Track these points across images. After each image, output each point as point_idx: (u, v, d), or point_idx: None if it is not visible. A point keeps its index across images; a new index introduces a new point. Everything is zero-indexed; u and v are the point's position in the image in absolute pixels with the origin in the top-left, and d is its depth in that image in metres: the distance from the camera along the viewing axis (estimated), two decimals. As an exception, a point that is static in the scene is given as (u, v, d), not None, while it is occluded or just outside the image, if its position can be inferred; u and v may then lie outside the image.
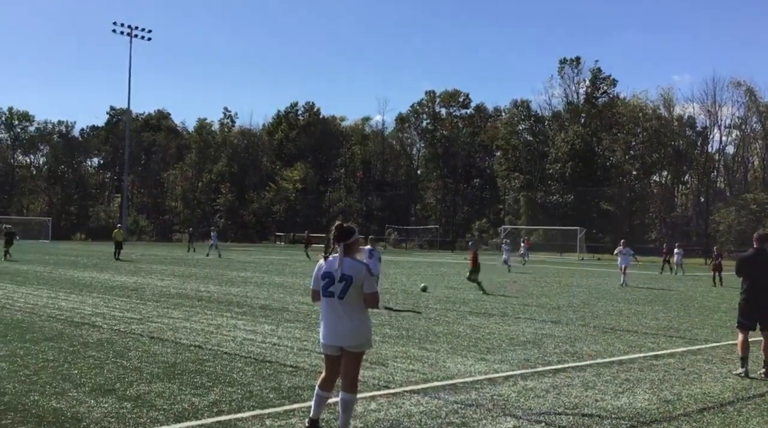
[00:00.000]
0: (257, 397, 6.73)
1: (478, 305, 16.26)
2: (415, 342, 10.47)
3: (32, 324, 11.18)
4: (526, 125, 79.21)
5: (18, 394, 6.57)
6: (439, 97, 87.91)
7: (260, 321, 12.39)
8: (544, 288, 22.28)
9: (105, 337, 10.10)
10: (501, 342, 10.74)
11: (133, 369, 7.91)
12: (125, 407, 6.23)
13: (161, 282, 20.41)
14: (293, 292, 18.35)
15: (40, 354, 8.66)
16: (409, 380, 7.72)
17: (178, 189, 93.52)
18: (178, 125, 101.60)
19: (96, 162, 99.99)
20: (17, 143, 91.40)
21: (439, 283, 23.25)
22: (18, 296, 15.35)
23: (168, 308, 13.95)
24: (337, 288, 5.36)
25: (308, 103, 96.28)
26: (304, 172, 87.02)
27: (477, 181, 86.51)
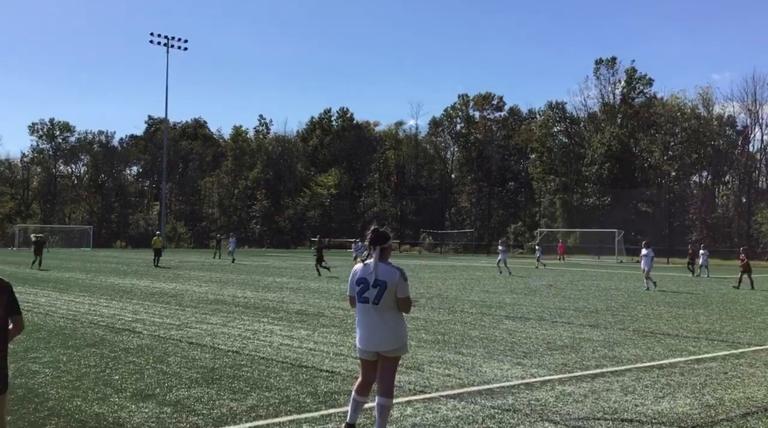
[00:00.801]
0: (294, 402, 6.78)
1: (515, 309, 16.14)
2: (451, 346, 10.43)
3: (74, 331, 11.43)
4: (562, 126, 78.45)
5: (61, 399, 6.73)
6: (473, 101, 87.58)
7: (296, 326, 12.47)
8: (581, 291, 22.01)
9: (145, 343, 10.27)
10: (538, 346, 10.64)
11: (173, 374, 8.04)
12: (165, 412, 6.33)
13: (199, 288, 20.68)
14: (329, 297, 18.43)
15: (82, 360, 8.85)
16: (445, 385, 7.70)
17: (214, 196, 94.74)
18: (214, 133, 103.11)
19: (135, 171, 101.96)
20: (59, 153, 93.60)
21: (474, 287, 23.13)
22: (60, 304, 15.71)
23: (206, 314, 14.13)
24: (372, 293, 5.37)
25: (342, 109, 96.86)
26: (338, 177, 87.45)
27: (512, 184, 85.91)
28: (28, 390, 7.08)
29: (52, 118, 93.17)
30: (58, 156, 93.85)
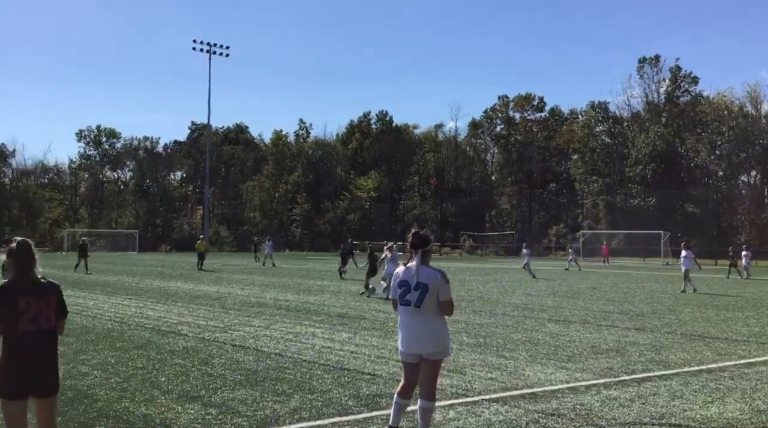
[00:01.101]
0: (336, 404, 6.81)
1: (557, 312, 15.94)
2: (493, 349, 10.35)
3: (122, 333, 11.67)
4: (604, 126, 77.29)
5: (110, 401, 6.88)
6: (513, 102, 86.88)
7: (338, 329, 12.53)
8: (626, 294, 21.62)
9: (190, 345, 10.44)
10: (582, 350, 10.49)
11: (217, 376, 8.15)
12: (210, 413, 6.42)
13: (242, 291, 20.94)
14: (370, 300, 18.47)
15: (130, 361, 9.03)
16: (487, 388, 7.64)
17: (256, 200, 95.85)
18: (255, 138, 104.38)
19: (179, 176, 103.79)
20: (105, 159, 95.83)
21: (516, 290, 22.93)
22: (108, 307, 16.07)
23: (249, 316, 14.30)
24: (414, 296, 5.37)
25: (381, 112, 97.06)
26: (378, 180, 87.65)
27: (553, 185, 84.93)
28: (78, 391, 7.26)
29: (99, 125, 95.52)
30: (105, 162, 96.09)
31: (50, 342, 4.40)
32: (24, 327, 4.25)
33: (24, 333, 4.26)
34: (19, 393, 4.25)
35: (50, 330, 4.39)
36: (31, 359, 4.27)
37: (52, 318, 4.40)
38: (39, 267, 4.45)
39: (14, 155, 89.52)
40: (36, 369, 4.28)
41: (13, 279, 4.34)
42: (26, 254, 4.39)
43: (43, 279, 4.43)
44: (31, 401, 4.35)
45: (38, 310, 4.30)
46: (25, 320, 4.26)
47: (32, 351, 4.28)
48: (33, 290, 4.33)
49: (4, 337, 4.28)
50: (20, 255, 4.37)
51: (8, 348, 4.26)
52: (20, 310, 4.24)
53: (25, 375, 4.24)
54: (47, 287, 4.41)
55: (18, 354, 4.25)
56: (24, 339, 4.26)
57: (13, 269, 4.36)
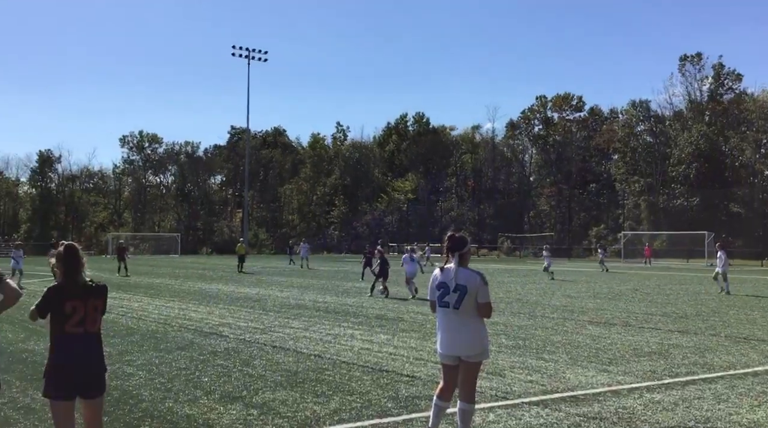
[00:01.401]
0: (376, 406, 6.84)
1: (598, 314, 15.73)
2: (533, 352, 10.28)
3: (165, 334, 11.90)
4: (646, 125, 75.95)
5: (154, 401, 7.02)
6: (551, 102, 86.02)
7: (376, 330, 12.57)
8: (669, 296, 21.23)
9: (231, 346, 10.59)
10: (624, 352, 10.34)
11: (258, 377, 8.25)
12: (252, 414, 6.51)
13: (281, 293, 21.14)
14: (408, 302, 18.48)
15: (173, 362, 9.20)
16: (527, 391, 7.60)
17: (294, 203, 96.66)
18: (293, 141, 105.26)
19: (219, 179, 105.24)
20: (148, 163, 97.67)
21: (555, 291, 22.69)
22: (152, 308, 16.39)
23: (288, 318, 14.43)
24: (452, 298, 5.37)
25: (418, 114, 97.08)
26: (415, 182, 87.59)
27: (593, 186, 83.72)
28: (124, 391, 7.43)
29: (141, 130, 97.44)
30: (147, 167, 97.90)
31: (96, 344, 4.52)
32: (71, 329, 4.37)
33: (71, 335, 4.38)
34: (66, 395, 4.37)
35: (96, 333, 4.51)
36: (78, 361, 4.39)
37: (99, 321, 4.51)
38: (87, 270, 4.58)
39: (60, 161, 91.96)
40: (82, 370, 4.40)
41: (60, 283, 4.47)
42: (73, 258, 4.51)
43: (91, 282, 4.55)
44: (78, 401, 4.47)
45: (85, 313, 4.40)
46: (72, 323, 4.37)
47: (79, 353, 4.40)
48: (80, 293, 4.45)
49: (52, 339, 4.41)
50: (67, 259, 4.50)
51: (55, 349, 4.39)
52: (67, 313, 4.36)
53: (72, 377, 4.36)
54: (95, 290, 4.53)
55: (65, 356, 4.37)
56: (71, 341, 4.38)
57: (61, 273, 4.49)
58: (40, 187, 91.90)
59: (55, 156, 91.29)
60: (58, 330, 4.37)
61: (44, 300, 4.39)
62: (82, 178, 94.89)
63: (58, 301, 4.37)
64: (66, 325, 4.36)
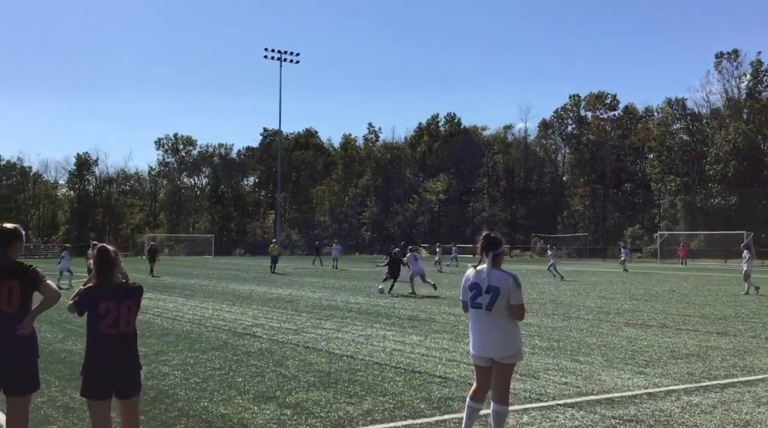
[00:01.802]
0: (408, 407, 6.83)
1: (634, 315, 15.50)
2: (567, 353, 10.16)
3: (200, 335, 12.04)
4: (682, 124, 74.70)
5: (190, 400, 7.11)
6: (584, 101, 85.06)
7: (408, 331, 12.55)
8: (707, 297, 20.83)
9: (265, 347, 10.67)
10: (661, 354, 10.17)
11: (291, 377, 8.30)
12: (285, 414, 6.55)
13: (313, 294, 21.24)
14: (440, 303, 18.42)
15: (208, 362, 9.31)
16: (562, 393, 7.51)
17: (326, 204, 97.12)
18: (325, 143, 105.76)
19: (252, 181, 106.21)
20: (183, 166, 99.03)
21: (590, 293, 22.42)
22: (187, 309, 16.60)
23: (321, 319, 14.50)
24: (485, 300, 5.33)
25: (449, 114, 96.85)
26: (446, 183, 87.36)
27: (628, 185, 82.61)
28: (160, 391, 7.53)
29: (176, 133, 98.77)
30: (182, 169, 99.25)
31: (130, 345, 4.57)
32: (104, 330, 4.44)
33: (105, 336, 4.44)
34: (102, 394, 4.44)
35: (130, 333, 4.56)
36: (111, 361, 4.45)
37: (132, 322, 4.56)
38: (124, 271, 4.64)
39: (97, 164, 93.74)
40: (117, 370, 4.46)
41: (95, 284, 4.54)
42: (105, 260, 4.57)
43: (127, 283, 4.61)
44: (114, 400, 4.54)
45: (118, 314, 4.46)
46: (105, 324, 4.43)
47: (113, 353, 4.46)
48: (114, 295, 4.50)
49: (88, 339, 4.48)
50: (99, 261, 4.57)
51: (91, 350, 4.47)
52: (101, 314, 4.43)
53: (107, 377, 4.43)
54: (129, 291, 4.58)
55: (99, 356, 4.45)
56: (104, 341, 4.44)
57: (95, 274, 4.57)
58: (78, 189, 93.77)
59: (92, 159, 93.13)
60: (93, 330, 4.44)
61: (80, 299, 4.47)
62: (118, 180, 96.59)
63: (92, 302, 4.44)
64: (99, 326, 4.42)
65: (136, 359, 4.60)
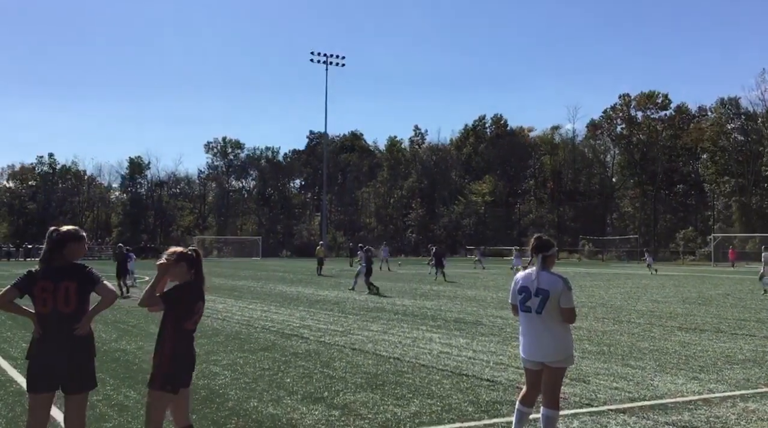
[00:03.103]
0: (456, 410, 6.79)
1: (687, 319, 15.13)
2: (618, 358, 9.98)
3: (249, 336, 12.20)
4: (736, 124, 72.55)
5: (240, 400, 7.21)
6: (634, 100, 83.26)
7: (455, 334, 12.50)
8: (763, 301, 20.18)
9: (312, 348, 10.75)
10: (716, 359, 9.90)
11: (339, 378, 8.35)
12: (334, 415, 6.59)
13: (359, 297, 21.32)
14: (486, 306, 18.29)
15: (257, 363, 9.43)
16: (613, 398, 7.38)
17: (371, 206, 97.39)
18: (370, 145, 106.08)
19: (298, 183, 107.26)
20: (231, 169, 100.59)
21: (641, 296, 21.96)
22: (236, 310, 16.84)
23: (367, 321, 14.54)
24: (534, 303, 5.28)
25: (495, 116, 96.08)
26: (492, 185, 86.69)
27: (680, 187, 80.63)
28: (210, 390, 7.66)
29: (225, 136, 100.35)
30: (230, 172, 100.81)
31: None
32: (189, 326, 4.68)
33: (189, 331, 4.70)
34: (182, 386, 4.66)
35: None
36: (192, 355, 4.73)
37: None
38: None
39: (149, 167, 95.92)
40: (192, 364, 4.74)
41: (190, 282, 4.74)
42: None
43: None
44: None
45: (199, 313, 4.73)
46: (193, 321, 4.69)
47: (192, 348, 4.74)
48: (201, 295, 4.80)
49: (175, 334, 4.63)
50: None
51: (177, 344, 4.64)
52: (194, 311, 4.68)
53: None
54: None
55: (184, 350, 4.66)
56: (188, 337, 4.70)
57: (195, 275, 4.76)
58: (131, 192, 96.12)
59: (144, 163, 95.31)
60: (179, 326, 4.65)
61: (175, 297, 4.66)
62: (169, 183, 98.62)
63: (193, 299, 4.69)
64: (188, 323, 4.65)
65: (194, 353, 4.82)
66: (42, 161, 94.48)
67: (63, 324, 4.48)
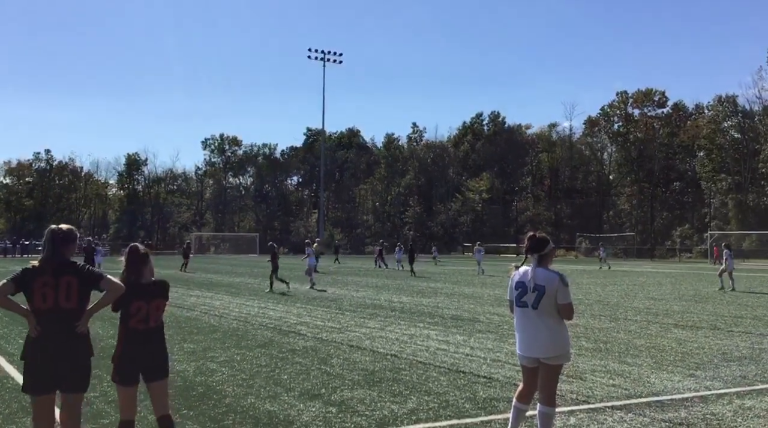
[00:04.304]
0: (453, 407, 6.81)
1: (684, 317, 15.16)
2: (615, 355, 10.00)
3: (246, 332, 12.20)
4: (733, 121, 72.67)
5: (237, 397, 7.21)
6: (632, 98, 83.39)
7: (452, 331, 12.51)
8: (760, 298, 20.25)
9: (309, 345, 10.76)
10: (712, 357, 9.93)
11: (336, 375, 8.36)
12: (331, 412, 6.60)
13: (356, 293, 21.33)
14: (483, 303, 18.31)
15: (254, 359, 9.43)
16: (610, 395, 7.40)
17: (369, 203, 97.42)
18: (368, 142, 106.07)
19: (295, 180, 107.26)
20: (228, 165, 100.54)
21: (637, 293, 22.01)
22: (233, 306, 16.84)
23: (364, 318, 14.55)
24: (530, 298, 5.28)
25: (493, 113, 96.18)
26: (490, 182, 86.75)
27: (677, 184, 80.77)
28: (207, 387, 7.66)
29: (222, 133, 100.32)
30: (228, 168, 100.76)
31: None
32: (135, 325, 4.78)
33: (139, 330, 4.81)
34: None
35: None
36: (142, 351, 4.84)
37: (159, 317, 4.90)
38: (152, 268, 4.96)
39: (146, 164, 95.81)
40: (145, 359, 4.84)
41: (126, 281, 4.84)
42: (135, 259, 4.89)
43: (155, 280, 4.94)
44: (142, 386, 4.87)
45: (148, 312, 4.80)
46: (137, 320, 4.78)
47: (144, 346, 4.84)
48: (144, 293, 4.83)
49: (123, 334, 4.83)
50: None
51: (125, 344, 4.84)
52: (131, 313, 4.77)
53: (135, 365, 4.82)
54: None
55: (132, 348, 4.83)
56: (137, 336, 4.83)
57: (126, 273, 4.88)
58: (128, 189, 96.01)
59: (141, 159, 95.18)
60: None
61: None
62: (166, 180, 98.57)
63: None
64: (130, 321, 4.79)
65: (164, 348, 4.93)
66: (39, 157, 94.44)
67: (62, 321, 4.44)
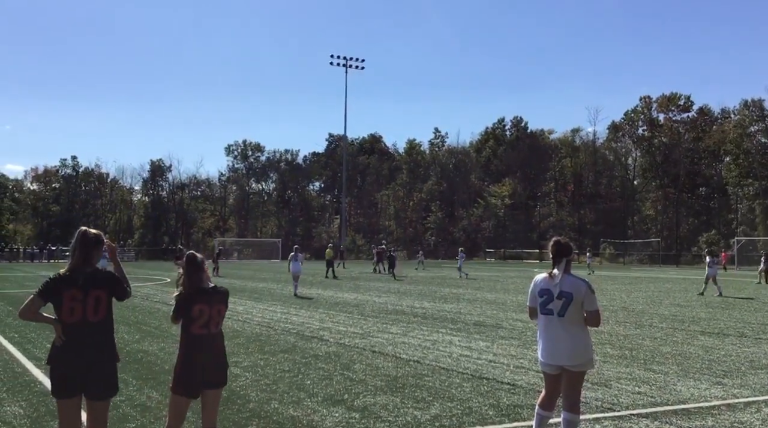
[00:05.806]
0: (477, 413, 6.78)
1: (710, 324, 14.95)
2: (640, 362, 9.89)
3: (269, 338, 12.26)
4: (760, 126, 71.62)
5: (261, 402, 7.25)
6: (656, 102, 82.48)
7: (475, 337, 12.46)
8: (789, 306, 19.89)
9: (332, 350, 10.78)
10: (740, 364, 9.78)
11: (359, 381, 8.36)
12: (354, 417, 6.60)
13: (379, 299, 21.33)
14: (506, 309, 18.21)
15: (277, 365, 9.47)
16: (635, 403, 7.32)
17: (390, 209, 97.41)
18: (390, 148, 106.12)
19: (317, 186, 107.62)
20: (251, 171, 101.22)
21: (663, 300, 21.75)
22: (256, 312, 16.93)
23: (387, 323, 14.54)
24: (557, 305, 5.25)
25: (515, 118, 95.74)
26: (512, 187, 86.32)
27: (703, 190, 79.68)
28: (232, 392, 7.70)
29: (245, 139, 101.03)
30: (251, 174, 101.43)
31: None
32: (197, 330, 4.71)
33: (199, 336, 4.72)
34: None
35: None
36: (207, 360, 4.78)
37: (220, 323, 4.84)
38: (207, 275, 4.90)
39: (171, 170, 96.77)
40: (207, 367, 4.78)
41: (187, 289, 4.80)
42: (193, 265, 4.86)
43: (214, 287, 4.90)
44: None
45: (210, 316, 4.73)
46: (199, 326, 4.70)
47: (207, 353, 4.77)
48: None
49: (184, 340, 4.76)
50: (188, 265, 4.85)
51: (185, 350, 4.77)
52: (193, 317, 4.69)
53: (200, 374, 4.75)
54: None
55: (194, 355, 4.73)
56: (198, 341, 4.74)
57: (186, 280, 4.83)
58: (152, 195, 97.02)
59: (165, 165, 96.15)
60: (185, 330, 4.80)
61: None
62: (190, 186, 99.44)
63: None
64: (192, 327, 4.73)
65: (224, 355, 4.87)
66: (65, 163, 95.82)
67: (89, 333, 4.46)
